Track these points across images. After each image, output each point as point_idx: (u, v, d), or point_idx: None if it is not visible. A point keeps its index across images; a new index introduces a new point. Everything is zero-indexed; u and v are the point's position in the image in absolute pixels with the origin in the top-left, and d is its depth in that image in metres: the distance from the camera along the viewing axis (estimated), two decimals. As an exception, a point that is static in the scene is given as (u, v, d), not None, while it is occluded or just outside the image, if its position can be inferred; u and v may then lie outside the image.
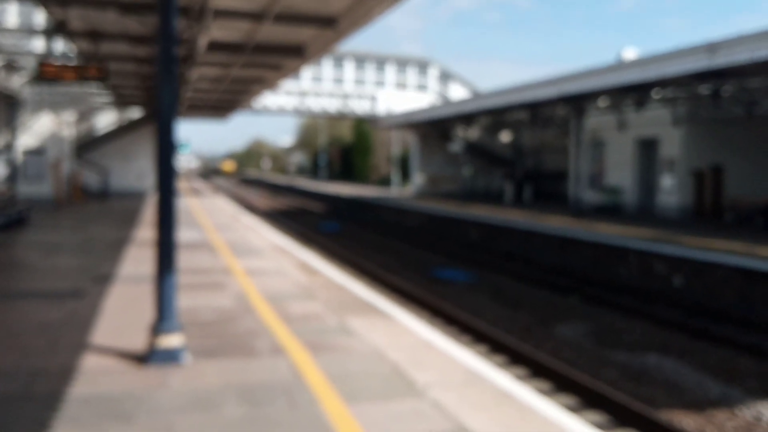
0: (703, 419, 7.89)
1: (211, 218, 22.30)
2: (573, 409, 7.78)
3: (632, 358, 10.20)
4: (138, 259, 12.47)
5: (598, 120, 30.43)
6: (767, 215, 23.38)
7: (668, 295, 14.66)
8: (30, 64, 23.41)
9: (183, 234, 16.15)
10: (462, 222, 27.30)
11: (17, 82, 25.48)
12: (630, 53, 31.16)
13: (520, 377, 8.91)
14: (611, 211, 28.83)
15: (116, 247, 14.37)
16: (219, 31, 15.39)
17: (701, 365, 9.89)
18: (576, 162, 28.14)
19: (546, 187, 39.38)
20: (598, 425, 7.37)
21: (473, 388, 5.60)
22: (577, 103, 26.80)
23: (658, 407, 8.08)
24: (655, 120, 27.12)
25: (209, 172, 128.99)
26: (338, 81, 45.63)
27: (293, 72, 22.05)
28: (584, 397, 8.18)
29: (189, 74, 19.86)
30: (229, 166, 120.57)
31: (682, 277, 15.89)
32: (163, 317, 6.13)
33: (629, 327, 12.10)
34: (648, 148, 28.63)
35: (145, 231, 17.33)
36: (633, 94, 24.53)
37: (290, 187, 68.34)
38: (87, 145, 36.16)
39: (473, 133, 40.03)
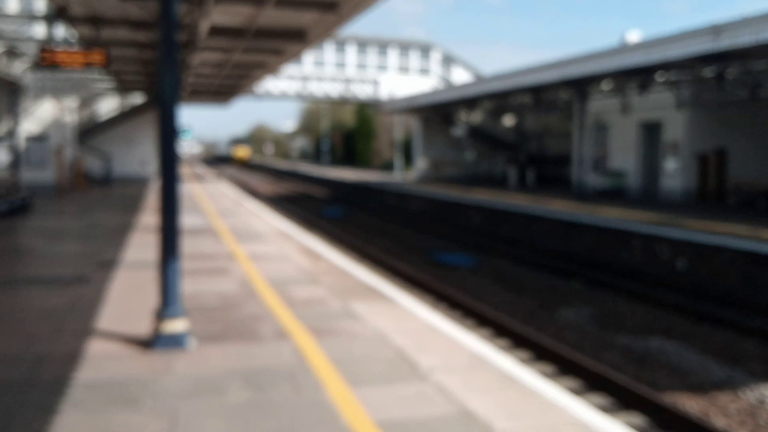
0: (707, 402, 7.91)
1: (214, 204, 22.32)
2: (576, 392, 7.80)
3: (635, 341, 10.21)
4: (141, 245, 12.49)
5: (601, 103, 30.28)
6: (771, 198, 23.31)
7: (671, 279, 14.66)
8: (31, 50, 23.32)
9: (186, 219, 16.17)
10: (465, 206, 27.28)
11: (19, 69, 25.40)
12: (633, 36, 30.96)
13: (523, 360, 8.93)
14: (615, 195, 28.77)
15: (120, 232, 14.40)
16: (220, 15, 15.31)
17: (704, 348, 9.90)
18: (579, 146, 28.04)
19: (549, 171, 39.27)
20: (602, 408, 7.40)
21: (477, 371, 5.62)
22: (581, 86, 26.66)
23: (661, 390, 8.11)
24: (659, 103, 26.98)
25: (216, 159, 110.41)
26: (340, 65, 45.43)
27: (295, 56, 21.96)
28: (587, 380, 8.20)
29: (190, 59, 19.79)
30: (242, 152, 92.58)
31: (685, 261, 15.88)
32: (167, 302, 6.15)
33: (632, 310, 12.11)
34: (651, 131, 28.51)
35: (149, 217, 17.34)
36: (636, 77, 24.38)
37: (293, 172, 68.27)
38: (89, 131, 36.15)
39: (476, 117, 39.88)
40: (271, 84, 43.01)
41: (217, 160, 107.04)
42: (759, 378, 8.68)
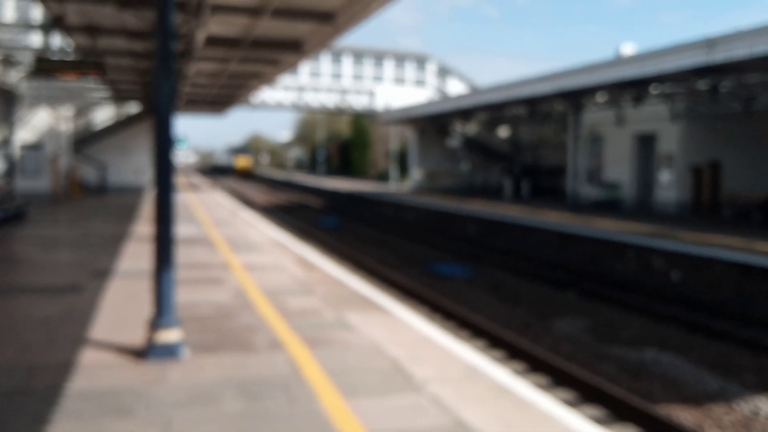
0: (701, 413, 7.91)
1: (210, 213, 22.29)
2: (571, 404, 7.80)
3: (630, 352, 10.22)
4: (136, 254, 12.46)
5: (596, 115, 30.43)
6: (765, 210, 23.41)
7: (666, 291, 14.68)
8: (27, 58, 23.34)
9: (181, 229, 16.15)
10: (460, 217, 27.31)
11: (15, 77, 25.42)
12: (628, 49, 31.15)
13: (518, 372, 8.92)
14: (609, 207, 28.86)
15: (114, 242, 14.36)
16: (217, 26, 15.37)
17: (699, 360, 9.91)
18: (574, 157, 28.15)
19: (544, 182, 39.39)
20: (596, 420, 7.39)
21: (472, 382, 5.61)
22: (575, 98, 26.80)
23: (655, 402, 8.10)
24: (654, 115, 27.13)
25: (213, 169, 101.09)
26: (336, 76, 45.60)
27: (291, 67, 22.03)
28: (582, 391, 8.19)
29: (187, 69, 19.82)
30: (244, 161, 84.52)
31: (679, 273, 15.91)
32: (162, 312, 6.13)
33: (627, 322, 12.12)
34: (646, 143, 28.64)
35: (143, 226, 17.31)
36: (631, 89, 24.53)
37: (288, 182, 68.26)
38: (85, 140, 36.12)
39: (471, 128, 40.01)
40: (267, 94, 43.12)
41: (214, 170, 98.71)
42: (753, 389, 8.69)
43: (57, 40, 20.98)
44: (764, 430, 7.49)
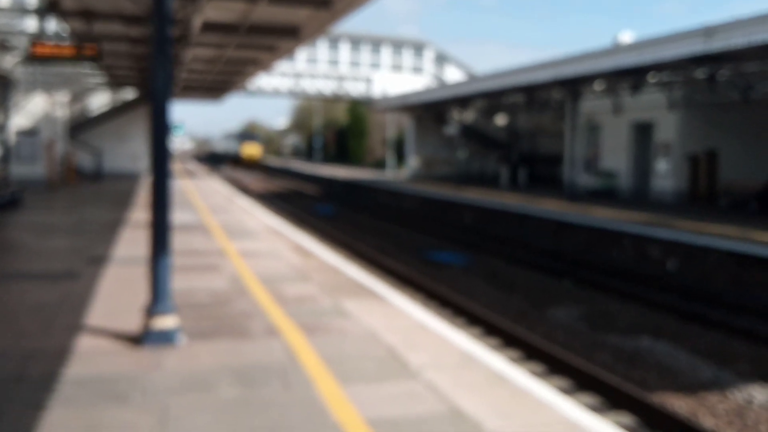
0: (695, 402, 7.94)
1: (206, 200, 22.25)
2: (566, 392, 7.82)
3: (625, 341, 10.24)
4: (132, 241, 12.44)
5: (593, 104, 30.37)
6: (761, 200, 23.45)
7: (662, 279, 14.72)
8: (22, 44, 23.17)
9: (177, 216, 16.10)
10: (457, 205, 27.31)
11: (10, 62, 25.24)
12: (626, 37, 31.06)
13: (513, 359, 8.94)
14: (606, 195, 28.87)
15: (110, 228, 14.34)
16: (213, 11, 15.26)
17: (694, 348, 9.94)
18: (571, 146, 28.11)
19: (541, 170, 39.38)
20: (591, 407, 7.42)
21: (467, 370, 5.62)
22: (573, 86, 26.72)
23: (650, 390, 8.14)
24: (651, 104, 27.08)
25: (212, 156, 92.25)
26: (333, 63, 45.38)
27: (288, 53, 21.92)
28: (577, 379, 8.22)
29: (183, 55, 19.72)
30: (253, 149, 73.70)
31: (675, 261, 15.95)
32: (158, 299, 6.13)
33: (623, 310, 12.15)
34: (643, 132, 28.61)
35: (139, 213, 17.28)
36: (629, 78, 24.45)
37: (285, 169, 68.09)
38: (81, 126, 35.96)
39: (469, 116, 39.90)
40: (263, 81, 42.91)
41: (213, 158, 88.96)
42: (747, 378, 8.73)
43: (52, 25, 20.82)
44: (758, 419, 7.53)
